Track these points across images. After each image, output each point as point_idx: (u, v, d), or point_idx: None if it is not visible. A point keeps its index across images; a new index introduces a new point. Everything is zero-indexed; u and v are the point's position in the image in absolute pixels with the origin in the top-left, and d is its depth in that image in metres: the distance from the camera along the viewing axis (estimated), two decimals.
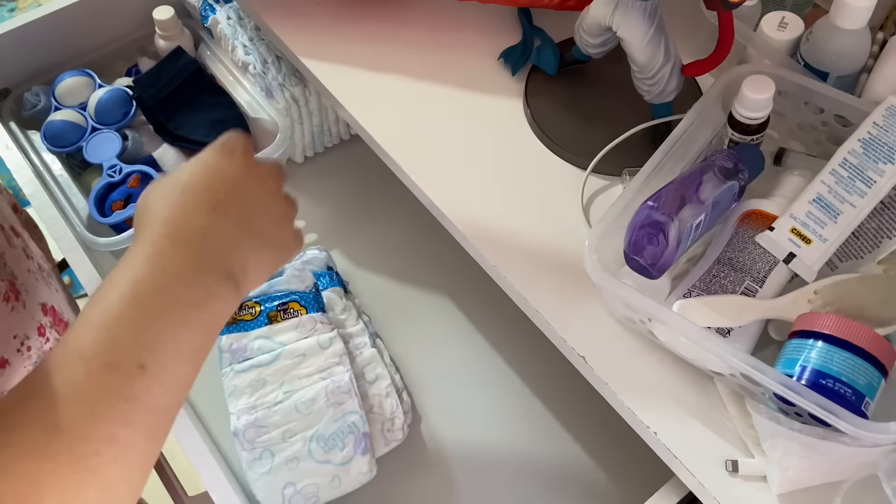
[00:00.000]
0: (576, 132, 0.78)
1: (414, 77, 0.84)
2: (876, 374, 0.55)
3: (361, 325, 0.89)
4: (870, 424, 0.51)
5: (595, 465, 0.84)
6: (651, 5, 0.67)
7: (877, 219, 0.64)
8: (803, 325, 0.58)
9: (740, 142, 0.68)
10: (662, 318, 0.58)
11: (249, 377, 0.83)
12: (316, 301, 0.87)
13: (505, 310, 0.79)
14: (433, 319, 0.95)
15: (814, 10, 0.79)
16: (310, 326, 0.85)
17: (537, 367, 0.90)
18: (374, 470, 0.80)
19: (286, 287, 0.88)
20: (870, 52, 0.71)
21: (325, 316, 0.87)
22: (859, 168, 0.62)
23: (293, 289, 0.88)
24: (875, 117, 0.63)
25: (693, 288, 0.64)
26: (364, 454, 0.79)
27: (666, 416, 0.62)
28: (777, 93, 0.66)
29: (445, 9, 0.89)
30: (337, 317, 0.89)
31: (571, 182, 0.75)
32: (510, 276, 0.69)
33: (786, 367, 0.57)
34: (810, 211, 0.62)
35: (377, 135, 0.80)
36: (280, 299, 0.87)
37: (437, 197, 0.75)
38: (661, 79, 0.72)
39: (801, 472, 0.56)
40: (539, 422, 0.87)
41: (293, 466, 0.79)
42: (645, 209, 0.60)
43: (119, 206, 0.91)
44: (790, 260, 0.62)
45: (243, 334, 0.85)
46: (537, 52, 0.83)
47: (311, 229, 1.03)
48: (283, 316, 0.86)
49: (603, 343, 0.66)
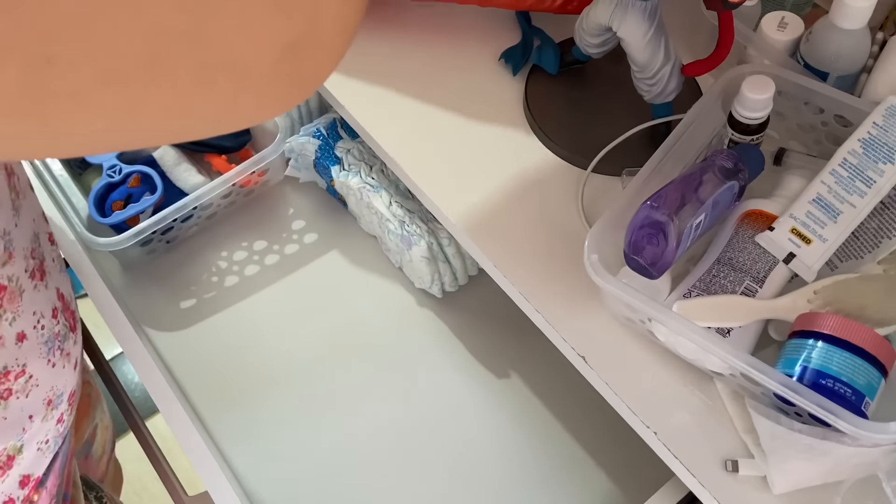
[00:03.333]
0: (576, 132, 0.78)
1: (414, 77, 0.84)
2: (876, 374, 0.55)
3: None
4: (870, 424, 0.51)
5: (595, 465, 0.84)
6: (651, 5, 0.67)
7: (877, 219, 0.64)
8: (803, 325, 0.58)
9: (740, 142, 0.68)
10: (662, 319, 0.58)
11: None
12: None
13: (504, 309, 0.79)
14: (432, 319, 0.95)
15: (814, 10, 0.79)
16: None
17: (537, 366, 0.90)
18: None
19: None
20: (870, 52, 0.71)
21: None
22: (859, 168, 0.62)
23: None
24: (875, 117, 0.63)
25: (693, 288, 0.64)
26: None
27: (666, 416, 0.62)
28: (777, 93, 0.66)
29: (445, 10, 0.89)
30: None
31: (571, 182, 0.75)
32: (510, 276, 0.69)
33: (786, 367, 0.57)
34: (810, 211, 0.62)
35: (377, 135, 0.80)
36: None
37: (437, 197, 0.75)
38: (661, 79, 0.72)
39: (801, 472, 0.56)
40: (539, 422, 0.87)
41: None
42: (645, 209, 0.60)
43: (119, 206, 0.91)
44: (790, 260, 0.62)
45: None
46: (538, 51, 0.83)
47: (312, 229, 1.03)
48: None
49: (603, 343, 0.66)
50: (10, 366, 0.52)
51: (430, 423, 0.87)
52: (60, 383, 0.58)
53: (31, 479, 0.57)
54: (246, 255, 1.01)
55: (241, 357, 0.93)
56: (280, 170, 1.02)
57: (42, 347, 0.55)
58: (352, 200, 0.97)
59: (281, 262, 1.00)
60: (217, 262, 1.00)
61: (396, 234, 0.89)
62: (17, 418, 0.54)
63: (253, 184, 0.99)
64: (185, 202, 0.91)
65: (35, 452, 0.57)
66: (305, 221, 1.04)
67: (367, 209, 0.93)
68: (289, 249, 1.02)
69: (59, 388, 0.58)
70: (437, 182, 0.76)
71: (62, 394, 0.58)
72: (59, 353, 0.58)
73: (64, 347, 0.58)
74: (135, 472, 1.27)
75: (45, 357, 0.56)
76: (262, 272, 1.00)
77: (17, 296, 0.53)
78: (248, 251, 1.01)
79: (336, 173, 0.94)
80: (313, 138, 0.96)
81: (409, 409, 0.89)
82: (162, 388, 0.82)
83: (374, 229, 0.97)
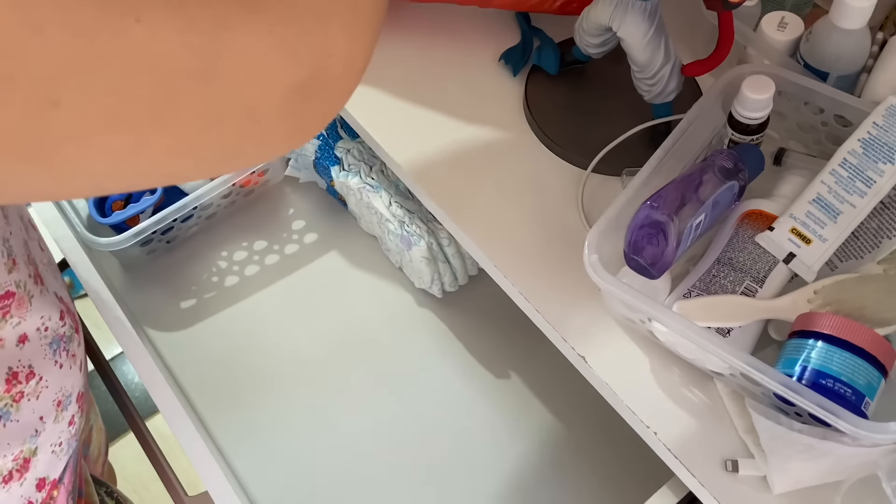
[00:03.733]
0: (576, 132, 0.78)
1: (414, 78, 0.84)
2: (876, 374, 0.55)
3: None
4: (870, 424, 0.51)
5: (595, 465, 0.84)
6: (651, 5, 0.67)
7: (877, 219, 0.64)
8: (803, 325, 0.58)
9: (740, 142, 0.68)
10: (662, 318, 0.58)
11: None
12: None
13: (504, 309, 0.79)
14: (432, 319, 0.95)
15: (814, 10, 0.79)
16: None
17: (537, 366, 0.90)
18: None
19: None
20: (870, 52, 0.71)
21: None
22: (859, 168, 0.62)
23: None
24: (875, 117, 0.63)
25: (693, 288, 0.64)
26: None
27: (666, 416, 0.62)
28: (777, 93, 0.66)
29: (444, 11, 0.89)
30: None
31: (571, 182, 0.75)
32: (510, 276, 0.69)
33: (786, 367, 0.57)
34: (810, 211, 0.62)
35: (378, 136, 0.80)
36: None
37: (437, 197, 0.75)
38: (661, 79, 0.72)
39: (801, 472, 0.56)
40: (539, 421, 0.87)
41: None
42: (645, 209, 0.60)
43: (119, 206, 0.91)
44: (790, 260, 0.62)
45: None
46: (538, 51, 0.83)
47: (312, 229, 1.03)
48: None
49: (603, 343, 0.66)
50: (14, 367, 0.53)
51: (430, 422, 0.87)
52: (68, 384, 0.58)
53: (47, 482, 0.57)
54: (246, 255, 1.01)
55: (242, 357, 0.93)
56: (280, 170, 1.02)
57: (47, 349, 0.56)
58: (352, 200, 0.97)
59: (281, 262, 1.00)
60: (217, 262, 1.00)
61: (396, 235, 0.88)
62: (29, 420, 0.55)
63: (253, 184, 0.99)
64: (185, 202, 0.91)
65: (49, 455, 0.57)
66: (305, 221, 1.04)
67: (367, 209, 0.93)
68: (289, 249, 1.02)
69: (67, 388, 0.58)
70: (437, 182, 0.76)
71: (70, 395, 0.59)
72: (66, 353, 0.58)
73: (69, 349, 0.59)
74: (135, 472, 1.27)
75: (53, 359, 0.56)
76: (262, 272, 1.00)
77: (25, 301, 0.53)
78: (248, 251, 1.01)
79: (336, 173, 0.94)
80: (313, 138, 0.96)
81: (409, 409, 0.89)
82: (162, 388, 0.82)
83: (374, 229, 0.97)
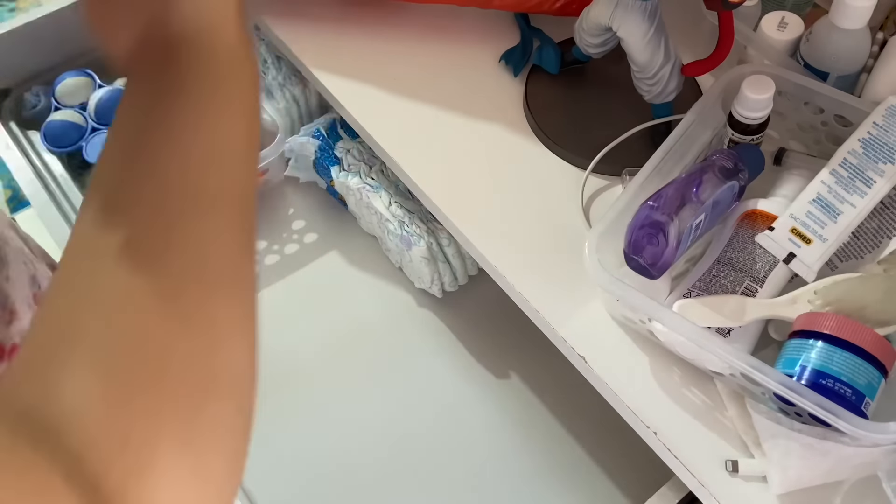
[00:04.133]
0: (576, 132, 0.78)
1: (414, 78, 0.84)
2: (876, 374, 0.55)
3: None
4: (870, 424, 0.51)
5: (595, 465, 0.84)
6: (651, 5, 0.67)
7: (877, 219, 0.64)
8: (803, 325, 0.58)
9: (740, 142, 0.68)
10: (662, 318, 0.58)
11: None
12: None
13: (504, 309, 0.79)
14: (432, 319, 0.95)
15: (814, 10, 0.79)
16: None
17: (537, 366, 0.90)
18: None
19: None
20: (870, 52, 0.71)
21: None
22: (859, 168, 0.62)
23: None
24: (875, 117, 0.63)
25: (693, 288, 0.64)
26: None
27: (666, 416, 0.62)
28: (777, 93, 0.66)
29: (445, 12, 0.89)
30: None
31: (571, 182, 0.75)
32: (510, 275, 0.69)
33: (786, 367, 0.57)
34: (810, 211, 0.62)
35: (378, 136, 0.80)
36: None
37: (437, 197, 0.75)
38: (661, 79, 0.72)
39: (801, 472, 0.56)
40: (539, 422, 0.87)
41: None
42: (645, 209, 0.60)
43: None
44: (790, 260, 0.62)
45: None
46: (538, 51, 0.83)
47: (312, 229, 1.03)
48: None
49: (603, 343, 0.66)
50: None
51: (430, 422, 0.87)
52: None
53: None
54: None
55: None
56: (280, 170, 1.02)
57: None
58: (352, 200, 0.97)
59: (281, 262, 1.00)
60: None
61: (396, 235, 0.88)
62: None
63: None
64: None
65: None
66: (305, 221, 1.04)
67: (367, 209, 0.93)
68: (289, 249, 1.02)
69: None
70: (437, 182, 0.76)
71: None
72: None
73: None
74: None
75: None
76: (262, 272, 1.00)
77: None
78: None
79: (336, 173, 0.94)
80: (313, 138, 0.96)
81: (409, 409, 0.89)
82: None
83: (374, 229, 0.97)
